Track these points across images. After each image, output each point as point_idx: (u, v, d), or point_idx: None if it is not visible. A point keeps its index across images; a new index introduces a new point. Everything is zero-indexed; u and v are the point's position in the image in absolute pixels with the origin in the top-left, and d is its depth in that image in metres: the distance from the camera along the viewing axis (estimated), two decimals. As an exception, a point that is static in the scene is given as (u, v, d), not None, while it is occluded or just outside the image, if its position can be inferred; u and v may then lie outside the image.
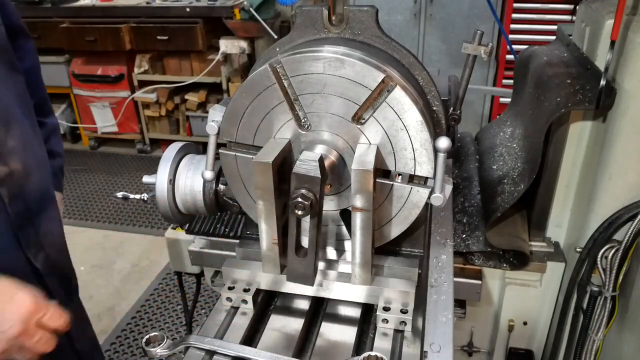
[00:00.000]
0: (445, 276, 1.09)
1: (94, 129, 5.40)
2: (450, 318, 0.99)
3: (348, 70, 0.96)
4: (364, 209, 0.97)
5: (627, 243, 1.37)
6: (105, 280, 3.59)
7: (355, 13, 1.09)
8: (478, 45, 1.12)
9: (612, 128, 1.38)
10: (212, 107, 1.11)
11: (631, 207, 1.39)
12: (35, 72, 1.44)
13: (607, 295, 1.43)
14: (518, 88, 1.92)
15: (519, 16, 4.36)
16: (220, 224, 1.62)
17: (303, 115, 1.02)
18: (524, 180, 1.52)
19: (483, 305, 1.74)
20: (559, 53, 1.69)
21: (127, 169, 5.18)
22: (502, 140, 1.85)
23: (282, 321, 1.12)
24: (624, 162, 1.38)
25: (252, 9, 4.22)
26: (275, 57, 1.01)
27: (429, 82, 1.13)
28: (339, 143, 1.03)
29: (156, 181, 1.25)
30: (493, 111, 4.78)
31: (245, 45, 4.55)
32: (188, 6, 4.59)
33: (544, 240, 1.67)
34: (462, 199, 1.74)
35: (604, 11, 1.43)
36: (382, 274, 1.13)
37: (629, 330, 1.45)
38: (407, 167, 1.01)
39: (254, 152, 1.06)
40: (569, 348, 1.58)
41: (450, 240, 1.19)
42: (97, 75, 5.05)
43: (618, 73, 1.37)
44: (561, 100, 1.39)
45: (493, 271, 1.64)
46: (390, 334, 1.07)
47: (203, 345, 1.01)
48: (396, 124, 0.98)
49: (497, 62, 4.60)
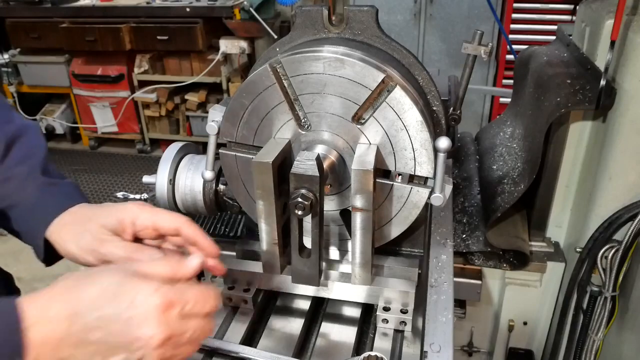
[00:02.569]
0: (445, 276, 1.09)
1: (94, 129, 5.40)
2: (450, 318, 0.99)
3: (348, 70, 0.96)
4: (364, 209, 0.97)
5: (627, 243, 1.37)
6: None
7: (355, 13, 1.09)
8: (478, 45, 1.12)
9: (612, 128, 1.38)
10: (212, 107, 1.11)
11: (631, 207, 1.39)
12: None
13: (607, 295, 1.43)
14: (518, 88, 1.92)
15: (519, 16, 4.36)
16: (220, 224, 1.62)
17: (303, 115, 1.02)
18: (524, 180, 1.52)
19: (483, 305, 1.74)
20: (559, 53, 1.69)
21: (127, 169, 5.18)
22: (502, 140, 1.85)
23: (282, 321, 1.12)
24: (624, 162, 1.38)
25: (252, 9, 4.22)
26: (275, 57, 1.01)
27: (429, 82, 1.13)
28: (339, 143, 1.03)
29: (156, 181, 1.25)
30: (493, 111, 4.78)
31: (245, 45, 4.55)
32: (188, 6, 4.59)
33: (544, 240, 1.67)
34: (462, 199, 1.74)
35: (604, 11, 1.43)
36: (382, 274, 1.13)
37: (629, 330, 1.45)
38: (407, 167, 1.01)
39: (254, 152, 1.06)
40: (569, 348, 1.58)
41: (450, 240, 1.19)
42: (97, 75, 5.04)
43: (618, 73, 1.37)
44: (561, 100, 1.39)
45: (493, 271, 1.64)
46: (390, 334, 1.07)
47: (203, 345, 1.01)
48: (396, 124, 0.98)
49: (497, 62, 4.60)
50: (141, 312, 0.68)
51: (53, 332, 0.66)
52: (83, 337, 0.67)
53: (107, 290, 0.69)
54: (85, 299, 0.68)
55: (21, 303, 0.67)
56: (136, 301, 0.68)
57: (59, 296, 0.69)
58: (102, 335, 0.67)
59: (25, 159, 1.03)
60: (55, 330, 0.66)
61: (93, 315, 0.67)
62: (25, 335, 0.64)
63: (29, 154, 1.03)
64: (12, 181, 1.01)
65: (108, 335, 0.67)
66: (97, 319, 0.67)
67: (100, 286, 0.69)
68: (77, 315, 0.67)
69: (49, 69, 5.17)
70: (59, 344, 0.67)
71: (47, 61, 5.14)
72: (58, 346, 0.67)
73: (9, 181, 1.01)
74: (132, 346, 0.68)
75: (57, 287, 0.70)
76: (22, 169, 1.02)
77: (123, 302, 0.68)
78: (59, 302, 0.68)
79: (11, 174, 1.01)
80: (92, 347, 0.68)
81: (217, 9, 4.51)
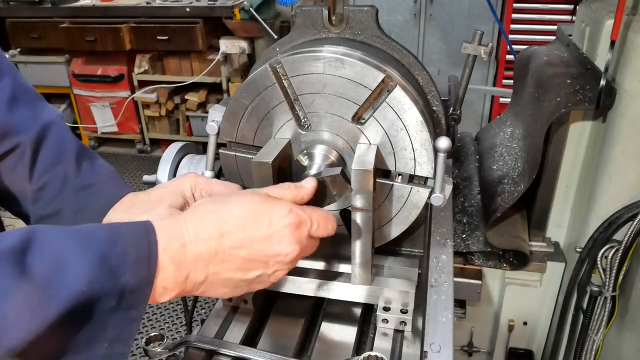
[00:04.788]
0: (445, 276, 1.09)
1: (94, 129, 5.40)
2: (450, 318, 0.99)
3: (348, 70, 0.96)
4: (364, 209, 0.97)
5: (627, 243, 1.37)
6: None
7: (355, 13, 1.09)
8: (478, 45, 1.12)
9: (612, 128, 1.38)
10: (212, 107, 1.11)
11: (631, 207, 1.39)
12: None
13: (607, 295, 1.43)
14: (518, 88, 1.92)
15: (519, 16, 4.37)
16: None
17: (303, 115, 1.02)
18: (524, 180, 1.52)
19: (483, 305, 1.74)
20: (559, 53, 1.69)
21: (127, 169, 5.18)
22: (502, 140, 1.85)
23: (282, 321, 1.12)
24: (624, 162, 1.38)
25: (252, 9, 4.22)
26: (275, 57, 1.01)
27: (429, 82, 1.13)
28: (339, 143, 1.03)
29: (156, 181, 1.25)
30: (493, 111, 4.79)
31: (245, 45, 4.55)
32: (188, 6, 4.59)
33: (544, 240, 1.67)
34: (462, 199, 1.74)
35: (604, 11, 1.43)
36: (382, 274, 1.13)
37: (629, 330, 1.45)
38: (407, 167, 1.01)
39: (254, 152, 1.06)
40: (569, 348, 1.58)
41: (450, 240, 1.19)
42: (97, 75, 5.04)
43: (618, 73, 1.37)
44: (561, 100, 1.39)
45: (493, 271, 1.64)
46: (390, 334, 1.07)
47: (203, 345, 1.01)
48: (396, 124, 0.98)
49: (497, 62, 4.61)
50: (278, 230, 0.76)
51: (208, 250, 0.73)
52: (231, 253, 0.75)
53: (249, 211, 0.76)
54: (232, 220, 0.75)
55: (180, 222, 0.73)
56: (274, 221, 0.76)
57: (209, 215, 0.75)
58: (247, 253, 0.75)
59: (57, 162, 1.01)
60: (210, 248, 0.73)
61: (239, 235, 0.75)
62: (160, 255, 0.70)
63: (59, 156, 1.02)
64: (48, 189, 1.00)
65: (251, 252, 0.75)
66: (242, 238, 0.75)
67: (242, 208, 0.76)
68: (226, 234, 0.74)
69: (49, 69, 5.17)
70: (210, 261, 0.74)
71: (47, 61, 5.14)
72: (209, 262, 0.74)
73: (45, 189, 1.00)
74: (270, 261, 0.77)
75: (201, 210, 0.76)
76: (55, 174, 1.01)
77: (263, 222, 0.76)
78: (209, 222, 0.74)
79: (45, 180, 1.00)
80: (237, 263, 0.76)
81: (217, 9, 4.51)
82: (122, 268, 0.65)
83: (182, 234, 0.71)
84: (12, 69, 1.03)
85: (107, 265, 0.64)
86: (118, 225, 0.70)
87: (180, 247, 0.71)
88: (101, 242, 0.66)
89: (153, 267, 0.68)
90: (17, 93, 1.01)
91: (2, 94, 0.98)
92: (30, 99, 1.04)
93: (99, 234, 0.67)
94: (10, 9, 4.99)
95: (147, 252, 0.68)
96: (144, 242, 0.68)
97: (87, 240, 0.66)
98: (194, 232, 0.72)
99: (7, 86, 0.99)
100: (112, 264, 0.64)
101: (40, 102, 1.06)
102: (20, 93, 1.02)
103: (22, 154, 0.99)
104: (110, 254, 0.65)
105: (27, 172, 0.99)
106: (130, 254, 0.66)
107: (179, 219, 0.74)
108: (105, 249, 0.65)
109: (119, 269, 0.65)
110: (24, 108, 1.01)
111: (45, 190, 1.00)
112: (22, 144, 0.99)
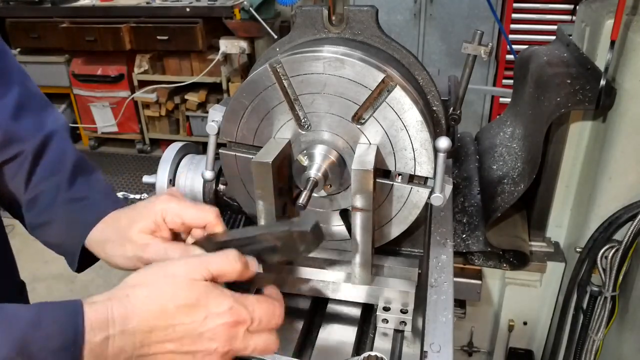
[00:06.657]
0: (445, 276, 1.09)
1: (94, 129, 5.40)
2: (450, 318, 0.99)
3: (348, 70, 0.96)
4: (364, 209, 0.97)
5: (627, 243, 1.37)
6: (104, 280, 3.59)
7: (355, 13, 1.09)
8: (478, 45, 1.12)
9: (612, 128, 1.38)
10: (212, 107, 1.11)
11: (631, 207, 1.39)
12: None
13: (607, 295, 1.43)
14: (518, 88, 1.92)
15: (519, 16, 4.37)
16: (220, 224, 1.61)
17: (303, 115, 1.02)
18: (524, 180, 1.51)
19: (483, 305, 1.74)
20: (559, 53, 1.69)
21: (127, 169, 5.18)
22: (502, 140, 1.85)
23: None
24: (624, 162, 1.38)
25: (252, 9, 4.22)
26: (275, 57, 1.01)
27: (429, 82, 1.13)
28: (339, 143, 1.03)
29: (156, 181, 1.25)
30: (493, 111, 4.79)
31: (245, 45, 4.55)
32: (188, 6, 4.59)
33: (544, 240, 1.67)
34: (462, 199, 1.74)
35: (604, 11, 1.43)
36: (382, 274, 1.13)
37: (629, 330, 1.45)
38: (407, 167, 1.01)
39: (254, 152, 1.06)
40: (569, 348, 1.58)
41: (450, 240, 1.19)
42: (97, 75, 5.04)
43: (618, 73, 1.37)
44: (561, 100, 1.39)
45: (493, 271, 1.64)
46: (390, 334, 1.07)
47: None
48: (396, 124, 0.98)
49: (497, 62, 4.61)
50: (212, 328, 0.73)
51: (132, 344, 0.70)
52: (158, 346, 0.72)
53: (184, 306, 0.72)
54: (164, 316, 0.71)
55: (107, 311, 0.69)
56: (209, 318, 0.73)
57: (140, 307, 0.71)
58: (175, 347, 0.72)
59: (53, 173, 1.02)
60: (134, 342, 0.70)
61: (169, 330, 0.71)
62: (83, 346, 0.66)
63: (56, 168, 1.02)
64: (40, 199, 1.00)
65: (179, 346, 0.73)
66: (172, 332, 0.72)
67: (178, 297, 0.72)
68: (155, 330, 0.71)
69: (49, 69, 5.17)
70: (133, 352, 0.71)
71: (47, 61, 5.14)
72: (132, 355, 0.71)
73: (38, 198, 1.00)
74: (198, 354, 0.74)
75: (133, 298, 0.71)
76: (49, 185, 1.01)
77: (197, 320, 0.72)
78: (138, 314, 0.70)
79: (39, 190, 1.00)
80: (163, 353, 0.73)
81: (217, 9, 4.51)
82: (42, 355, 0.63)
83: (107, 326, 0.67)
84: (21, 75, 1.04)
85: (27, 352, 0.62)
86: (44, 306, 0.67)
87: (102, 340, 0.67)
88: (23, 325, 0.64)
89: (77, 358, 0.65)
90: (24, 101, 1.01)
91: (10, 102, 0.98)
92: (37, 105, 1.05)
93: (23, 314, 0.65)
94: (10, 9, 4.99)
95: (72, 340, 0.65)
96: (70, 329, 0.65)
97: (9, 322, 0.64)
98: (121, 325, 0.68)
99: (15, 94, 0.99)
100: (32, 350, 0.62)
101: (47, 108, 1.07)
102: (27, 100, 1.02)
103: (23, 162, 1.00)
104: (32, 339, 0.63)
105: (24, 181, 1.00)
106: (53, 339, 0.64)
107: (106, 305, 0.69)
108: (27, 333, 0.63)
109: (39, 355, 0.63)
110: (29, 116, 1.02)
111: (37, 200, 1.00)
112: (24, 152, 1.00)
